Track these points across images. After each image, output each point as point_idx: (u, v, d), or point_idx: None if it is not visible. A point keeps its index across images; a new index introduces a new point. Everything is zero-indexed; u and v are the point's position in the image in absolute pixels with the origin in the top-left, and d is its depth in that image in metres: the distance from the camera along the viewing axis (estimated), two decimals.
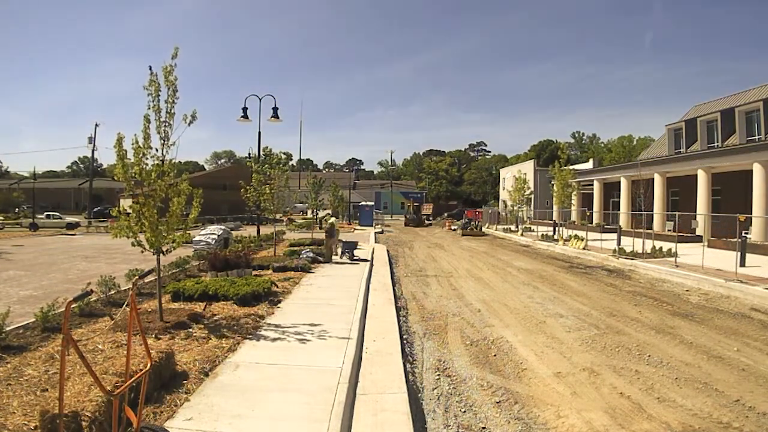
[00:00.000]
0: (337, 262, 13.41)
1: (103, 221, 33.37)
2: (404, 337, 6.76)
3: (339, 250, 14.50)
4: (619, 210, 25.69)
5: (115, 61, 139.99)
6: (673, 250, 13.88)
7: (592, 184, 30.07)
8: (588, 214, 27.87)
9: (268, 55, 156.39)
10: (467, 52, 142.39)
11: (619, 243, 16.78)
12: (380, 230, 31.14)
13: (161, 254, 6.45)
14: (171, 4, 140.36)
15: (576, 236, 19.82)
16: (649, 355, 5.92)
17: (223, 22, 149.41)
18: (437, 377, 5.28)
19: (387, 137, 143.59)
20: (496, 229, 30.51)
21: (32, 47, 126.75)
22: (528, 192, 29.88)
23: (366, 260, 13.88)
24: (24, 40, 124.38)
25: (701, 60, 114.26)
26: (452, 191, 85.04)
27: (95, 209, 40.75)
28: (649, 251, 15.19)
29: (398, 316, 7.80)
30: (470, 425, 4.15)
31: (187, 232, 6.71)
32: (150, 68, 6.04)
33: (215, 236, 15.63)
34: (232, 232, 25.49)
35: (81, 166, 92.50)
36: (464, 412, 4.41)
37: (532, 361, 5.75)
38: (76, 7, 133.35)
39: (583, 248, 17.75)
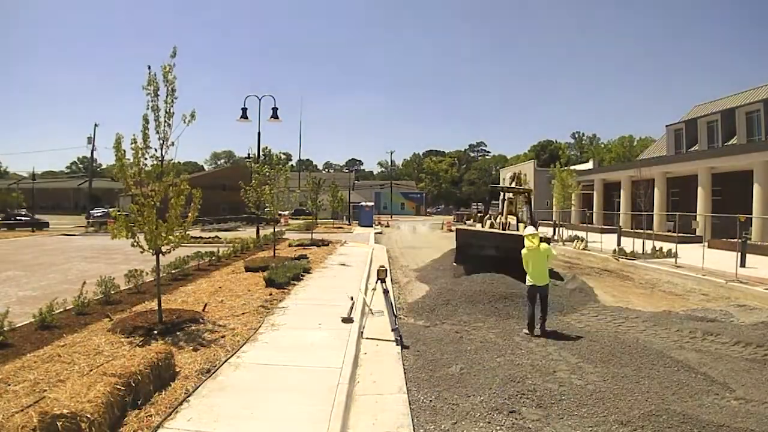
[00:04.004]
0: (335, 264, 13.39)
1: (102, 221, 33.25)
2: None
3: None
4: (619, 210, 25.68)
5: (114, 60, 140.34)
6: (674, 251, 13.87)
7: (593, 184, 30.07)
8: (588, 214, 27.86)
9: (268, 53, 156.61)
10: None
11: (619, 243, 16.78)
12: (380, 231, 31.13)
13: (161, 254, 6.42)
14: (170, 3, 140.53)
15: (576, 237, 19.82)
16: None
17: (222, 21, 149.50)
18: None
19: (388, 137, 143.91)
20: None
21: (31, 47, 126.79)
22: None
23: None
24: (23, 40, 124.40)
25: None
26: (452, 192, 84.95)
27: (93, 209, 40.66)
28: (649, 252, 15.18)
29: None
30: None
31: (187, 232, 6.69)
32: (149, 68, 6.01)
33: None
34: (228, 232, 24.99)
35: (80, 166, 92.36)
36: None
37: None
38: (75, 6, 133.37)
39: (583, 249, 17.75)
